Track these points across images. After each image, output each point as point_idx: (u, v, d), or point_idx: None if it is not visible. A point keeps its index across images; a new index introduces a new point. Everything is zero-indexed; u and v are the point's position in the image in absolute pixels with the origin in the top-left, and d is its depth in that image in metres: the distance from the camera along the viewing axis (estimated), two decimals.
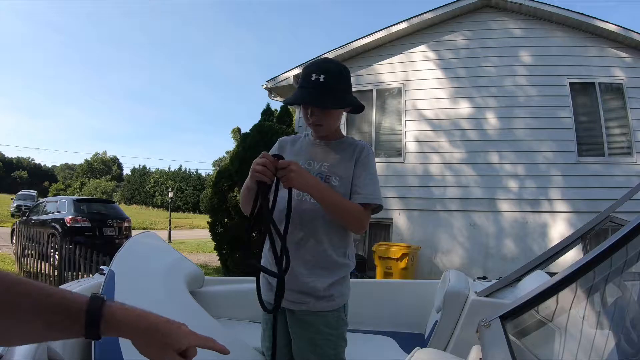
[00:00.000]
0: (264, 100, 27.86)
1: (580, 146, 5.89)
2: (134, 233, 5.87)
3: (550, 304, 0.89)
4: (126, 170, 64.29)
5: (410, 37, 6.76)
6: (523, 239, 5.83)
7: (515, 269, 2.00)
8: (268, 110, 7.65)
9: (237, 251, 5.77)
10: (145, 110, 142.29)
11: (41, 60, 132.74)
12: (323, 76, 1.19)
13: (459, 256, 6.02)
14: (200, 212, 39.74)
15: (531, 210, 5.88)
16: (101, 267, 1.78)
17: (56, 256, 5.12)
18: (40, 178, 66.95)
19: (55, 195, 37.55)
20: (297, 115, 7.53)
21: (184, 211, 45.78)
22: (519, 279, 1.93)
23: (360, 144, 1.34)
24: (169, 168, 63.55)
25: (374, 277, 5.42)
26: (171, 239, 14.38)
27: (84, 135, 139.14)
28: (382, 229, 6.47)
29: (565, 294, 0.87)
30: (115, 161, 68.28)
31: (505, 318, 0.87)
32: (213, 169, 49.77)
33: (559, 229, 5.67)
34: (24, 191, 25.59)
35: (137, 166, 56.53)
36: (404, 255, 5.21)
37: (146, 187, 50.75)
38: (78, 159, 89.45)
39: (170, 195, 21.06)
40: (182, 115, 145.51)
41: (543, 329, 0.93)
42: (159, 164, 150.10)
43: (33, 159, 74.68)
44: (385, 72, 6.78)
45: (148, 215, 31.25)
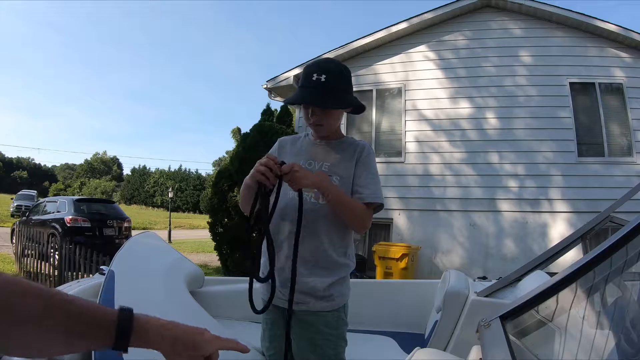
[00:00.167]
0: (264, 100, 27.91)
1: (580, 146, 5.89)
2: (134, 233, 5.87)
3: (550, 304, 0.89)
4: (126, 170, 64.42)
5: (410, 37, 6.76)
6: (523, 239, 5.83)
7: (515, 269, 2.00)
8: (268, 110, 7.65)
9: (237, 251, 5.77)
10: (145, 110, 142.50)
11: (41, 60, 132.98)
12: (324, 76, 1.19)
13: (459, 256, 6.02)
14: (200, 212, 39.74)
15: (531, 210, 5.88)
16: (101, 267, 1.79)
17: (56, 256, 5.12)
18: (40, 178, 66.96)
19: (55, 195, 37.55)
20: (297, 115, 7.53)
21: (184, 211, 45.78)
22: (519, 279, 1.93)
23: (361, 143, 1.34)
24: (169, 168, 63.64)
25: (374, 277, 5.41)
26: (171, 239, 14.38)
27: (84, 135, 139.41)
28: (382, 229, 6.47)
29: (565, 294, 0.87)
30: (115, 161, 68.30)
31: (505, 318, 0.87)
32: (213, 169, 49.79)
33: (559, 229, 5.67)
34: (24, 191, 25.59)
35: (137, 166, 56.63)
36: (404, 255, 5.21)
37: (146, 187, 50.74)
38: (78, 159, 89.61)
39: (170, 195, 21.06)
40: (182, 115, 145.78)
41: (543, 329, 0.93)
42: (159, 164, 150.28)
43: (33, 159, 74.87)
44: (385, 72, 6.78)
45: (148, 215, 31.25)
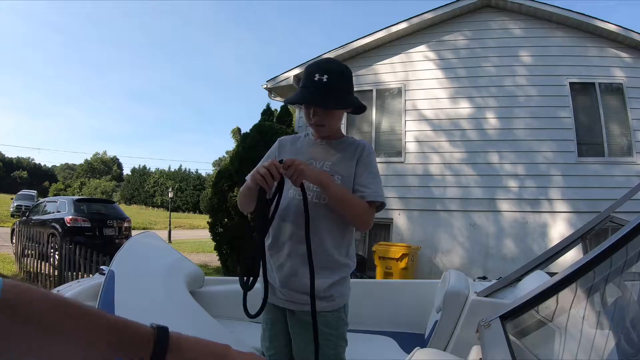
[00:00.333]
0: (264, 100, 27.91)
1: (580, 146, 5.89)
2: (134, 233, 5.87)
3: (550, 304, 0.89)
4: (126, 170, 64.43)
5: (410, 37, 6.76)
6: (523, 239, 5.83)
7: (515, 269, 2.00)
8: (268, 110, 7.65)
9: (237, 251, 5.77)
10: (145, 110, 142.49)
11: (41, 60, 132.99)
12: (326, 76, 1.19)
13: (459, 256, 6.02)
14: (200, 212, 39.74)
15: (531, 210, 5.87)
16: (101, 267, 1.79)
17: (56, 256, 5.12)
18: (40, 178, 66.97)
19: (55, 195, 37.56)
20: (297, 115, 7.53)
21: (184, 211, 45.78)
22: (519, 279, 1.93)
23: (362, 142, 1.34)
24: (169, 168, 63.63)
25: (374, 277, 5.41)
26: (171, 239, 14.38)
27: (84, 135, 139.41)
28: (382, 229, 6.47)
29: (565, 294, 0.87)
30: (115, 161, 68.30)
31: (505, 318, 0.86)
32: (213, 169, 49.79)
33: (559, 229, 5.67)
34: (24, 191, 25.58)
35: (137, 166, 56.62)
36: (404, 255, 5.20)
37: (146, 187, 50.73)
38: (78, 159, 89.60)
39: (170, 195, 21.05)
40: (182, 115, 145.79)
41: (543, 329, 0.93)
42: (159, 164, 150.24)
43: (33, 159, 74.90)
44: (385, 72, 6.78)
45: (148, 215, 31.25)
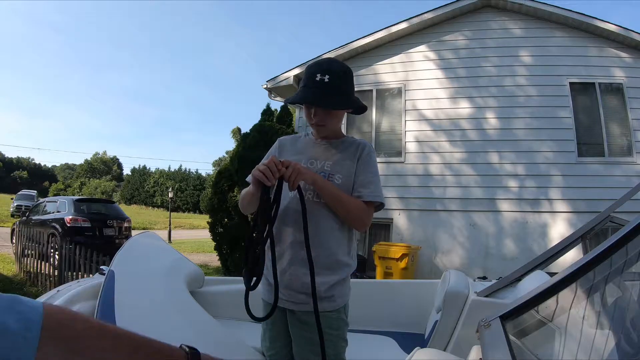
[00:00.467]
0: (264, 100, 27.91)
1: (580, 146, 5.89)
2: (134, 233, 5.87)
3: (550, 304, 0.89)
4: (126, 170, 64.41)
5: (410, 37, 6.76)
6: (523, 239, 5.83)
7: (515, 269, 2.00)
8: (268, 110, 7.64)
9: (237, 251, 5.77)
10: (145, 110, 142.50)
11: (41, 60, 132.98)
12: (328, 77, 1.19)
13: (459, 256, 6.02)
14: (200, 212, 39.74)
15: (531, 210, 5.87)
16: (101, 267, 1.78)
17: (56, 256, 5.12)
18: (40, 178, 66.98)
19: (55, 195, 37.58)
20: (297, 115, 7.53)
21: (184, 211, 45.78)
22: (519, 279, 1.93)
23: (362, 142, 1.34)
24: (169, 168, 63.67)
25: (374, 277, 5.41)
26: (171, 239, 14.39)
27: (84, 135, 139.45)
28: (382, 229, 6.47)
29: (565, 294, 0.87)
30: (115, 161, 68.27)
31: (505, 318, 0.86)
32: (213, 169, 49.77)
33: (559, 229, 5.67)
34: (24, 191, 25.56)
35: (137, 166, 56.57)
36: (404, 255, 5.20)
37: (146, 187, 50.72)
38: (78, 159, 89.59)
39: (170, 195, 21.01)
40: (182, 115, 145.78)
41: (543, 329, 0.93)
42: (159, 164, 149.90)
43: (33, 159, 74.89)
44: (385, 72, 6.78)
45: (148, 215, 31.26)
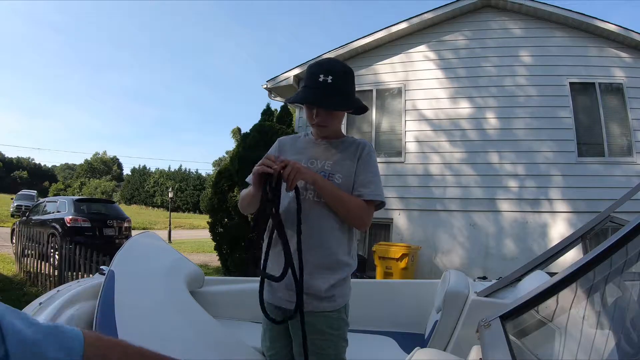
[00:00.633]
0: (264, 100, 27.95)
1: (580, 146, 5.89)
2: (134, 233, 5.87)
3: (550, 304, 0.89)
4: (126, 170, 64.40)
5: (410, 37, 6.76)
6: (523, 239, 5.82)
7: (515, 269, 2.00)
8: (268, 110, 7.63)
9: (237, 251, 5.77)
10: (145, 110, 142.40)
11: (41, 60, 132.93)
12: (330, 77, 1.20)
13: (459, 256, 6.02)
14: (200, 212, 39.74)
15: (531, 210, 5.87)
16: (101, 267, 1.78)
17: (56, 256, 5.12)
18: (40, 178, 66.96)
19: (55, 195, 37.58)
20: (297, 115, 7.53)
21: (184, 211, 45.77)
22: (519, 279, 1.93)
23: (362, 142, 1.35)
24: (169, 168, 63.64)
25: (374, 277, 5.41)
26: (171, 239, 14.38)
27: (84, 135, 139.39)
28: (382, 229, 6.46)
29: (565, 294, 0.87)
30: (115, 161, 68.26)
31: (505, 318, 0.86)
32: (213, 169, 49.77)
33: (559, 229, 5.67)
34: (24, 191, 25.55)
35: (137, 166, 56.57)
36: (404, 255, 5.20)
37: (146, 187, 50.71)
38: (78, 159, 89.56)
39: (170, 195, 21.00)
40: (182, 115, 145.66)
41: (543, 329, 0.93)
42: (159, 164, 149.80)
43: (33, 159, 74.86)
44: (385, 72, 6.78)
45: (148, 215, 31.26)
